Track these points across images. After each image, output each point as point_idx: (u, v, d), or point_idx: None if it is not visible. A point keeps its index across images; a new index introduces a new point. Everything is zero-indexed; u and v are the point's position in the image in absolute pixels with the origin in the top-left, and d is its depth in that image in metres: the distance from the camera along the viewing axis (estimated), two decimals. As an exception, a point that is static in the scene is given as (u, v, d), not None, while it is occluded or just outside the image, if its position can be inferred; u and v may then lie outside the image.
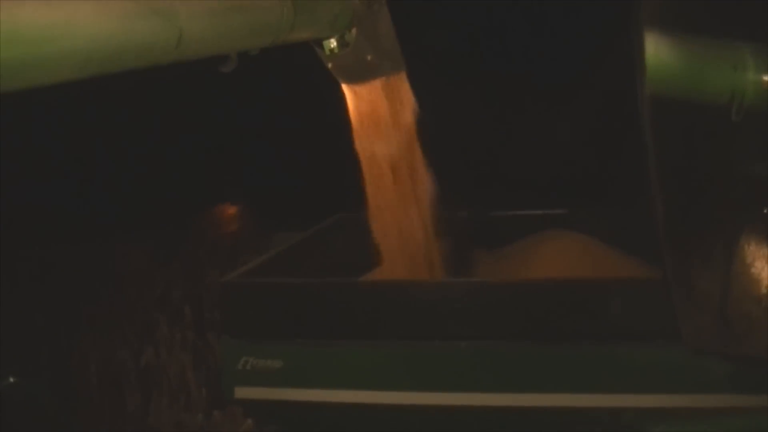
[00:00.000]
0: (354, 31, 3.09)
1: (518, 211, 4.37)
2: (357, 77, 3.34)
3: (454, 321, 3.13)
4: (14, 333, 4.95)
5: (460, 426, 3.15)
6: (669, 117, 2.43)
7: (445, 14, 5.66)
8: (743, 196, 2.51)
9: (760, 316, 2.55)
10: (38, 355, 4.79)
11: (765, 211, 2.49)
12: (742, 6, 2.38)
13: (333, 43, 3.11)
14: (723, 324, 2.61)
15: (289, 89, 5.57)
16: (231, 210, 6.72)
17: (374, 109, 3.39)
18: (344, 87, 3.38)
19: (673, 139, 2.47)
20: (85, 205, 6.09)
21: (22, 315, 5.19)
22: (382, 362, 3.22)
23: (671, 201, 2.52)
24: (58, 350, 4.97)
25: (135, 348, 4.91)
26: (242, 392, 3.30)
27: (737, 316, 2.59)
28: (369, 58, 3.18)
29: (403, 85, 3.42)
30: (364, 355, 3.22)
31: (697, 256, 2.60)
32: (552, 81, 5.63)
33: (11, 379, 3.29)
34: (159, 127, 6.13)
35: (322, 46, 3.14)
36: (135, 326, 5.10)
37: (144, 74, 2.18)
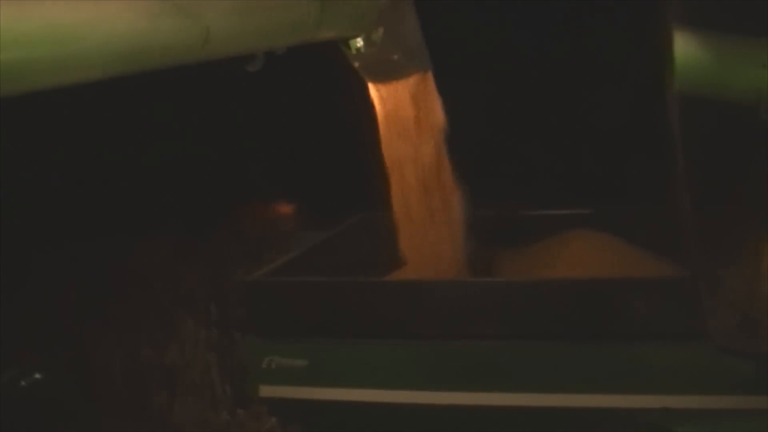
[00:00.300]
0: (380, 30, 3.09)
1: (543, 210, 4.36)
2: (383, 76, 3.34)
3: (479, 320, 3.13)
4: (39, 329, 4.98)
5: (485, 426, 3.15)
6: (697, 115, 2.42)
7: (465, 8, 5.64)
8: (771, 195, 2.49)
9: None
10: (62, 352, 4.81)
11: None
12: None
13: (359, 42, 3.11)
14: (749, 323, 2.60)
15: (315, 88, 5.57)
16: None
17: (400, 108, 3.39)
18: (370, 86, 3.39)
19: (701, 137, 2.46)
20: (111, 200, 6.11)
21: (47, 311, 5.22)
22: (406, 361, 3.22)
23: (699, 199, 2.51)
24: (82, 347, 4.99)
25: (159, 345, 4.92)
26: (267, 391, 3.31)
27: (764, 315, 2.57)
28: (395, 57, 3.18)
29: (429, 84, 3.42)
30: (389, 355, 3.22)
31: (725, 254, 2.59)
32: (576, 78, 5.60)
33: (37, 376, 3.31)
34: (185, 124, 6.15)
35: (348, 46, 3.14)
36: (160, 323, 5.11)
37: (169, 70, 2.19)
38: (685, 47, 2.39)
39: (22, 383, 3.27)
